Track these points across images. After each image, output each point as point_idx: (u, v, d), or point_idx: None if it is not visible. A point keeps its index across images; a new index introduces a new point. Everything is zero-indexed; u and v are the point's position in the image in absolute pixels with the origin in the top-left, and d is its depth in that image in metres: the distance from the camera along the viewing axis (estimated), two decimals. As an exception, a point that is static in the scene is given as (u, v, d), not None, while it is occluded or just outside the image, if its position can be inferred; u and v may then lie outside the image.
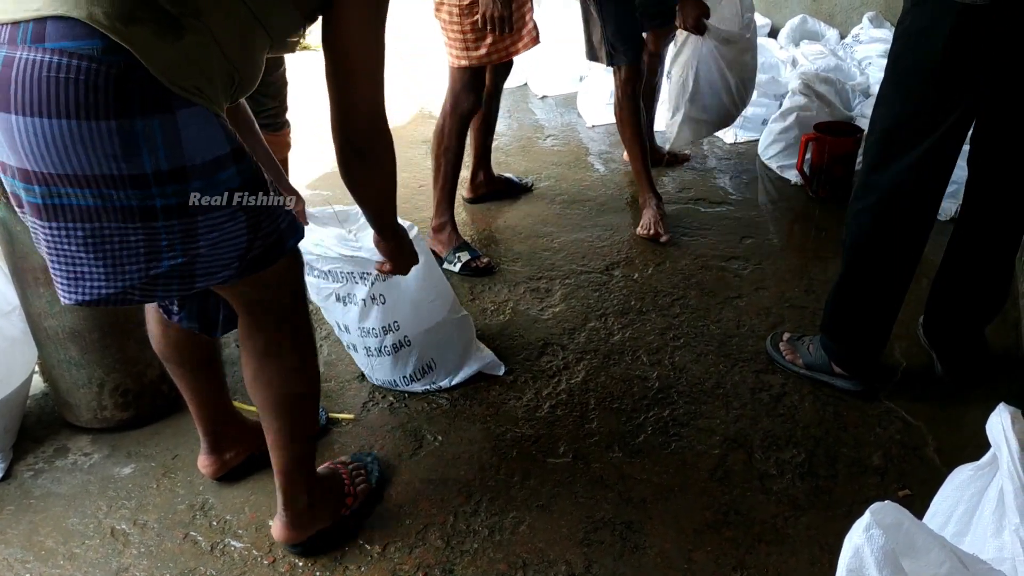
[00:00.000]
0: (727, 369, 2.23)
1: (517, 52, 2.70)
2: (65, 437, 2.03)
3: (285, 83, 2.43)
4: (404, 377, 2.14)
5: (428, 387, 2.15)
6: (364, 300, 2.02)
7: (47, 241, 1.25)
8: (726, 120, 3.34)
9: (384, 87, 1.44)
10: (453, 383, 2.17)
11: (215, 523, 1.77)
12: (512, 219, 3.13)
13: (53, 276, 1.30)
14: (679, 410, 2.08)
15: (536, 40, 2.71)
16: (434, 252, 2.74)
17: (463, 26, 2.53)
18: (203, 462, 1.86)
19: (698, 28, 3.00)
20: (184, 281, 1.31)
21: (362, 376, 2.23)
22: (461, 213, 3.17)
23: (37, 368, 2.09)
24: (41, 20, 1.10)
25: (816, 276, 2.67)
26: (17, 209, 1.27)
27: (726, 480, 1.86)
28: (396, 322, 2.05)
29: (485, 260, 2.76)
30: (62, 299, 1.30)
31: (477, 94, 2.69)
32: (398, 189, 1.64)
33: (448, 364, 2.16)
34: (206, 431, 1.82)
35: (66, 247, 1.24)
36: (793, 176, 3.33)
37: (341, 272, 2.00)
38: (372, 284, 1.99)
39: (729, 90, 3.19)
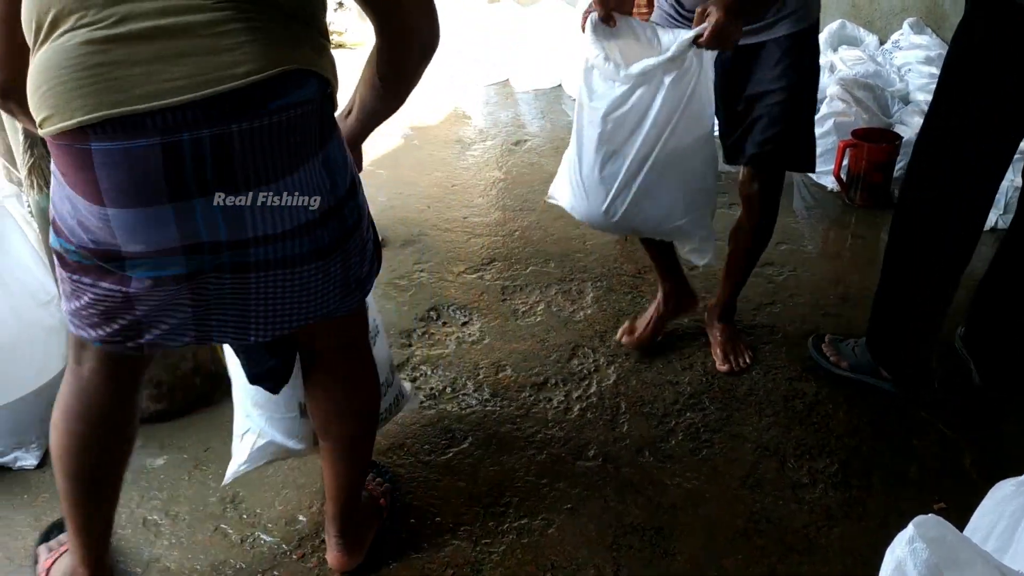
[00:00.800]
0: (760, 376, 2.21)
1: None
2: (100, 427, 2.06)
3: None
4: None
5: None
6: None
7: (240, 289, 1.15)
8: (586, 207, 2.06)
9: None
10: None
11: (245, 516, 1.79)
12: (544, 220, 3.12)
13: (244, 320, 1.20)
14: (711, 416, 2.06)
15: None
16: None
17: None
18: None
19: (720, 39, 1.76)
20: (360, 288, 1.30)
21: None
22: (493, 212, 3.18)
23: (74, 358, 2.12)
24: (258, 83, 1.01)
25: (852, 284, 2.63)
26: (171, 285, 1.13)
27: (758, 488, 1.84)
28: None
29: None
30: (252, 338, 1.23)
31: None
32: (431, 188, 1.61)
33: None
34: (94, 557, 1.47)
35: (270, 290, 1.17)
36: (830, 182, 3.29)
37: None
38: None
39: (583, 161, 2.07)
